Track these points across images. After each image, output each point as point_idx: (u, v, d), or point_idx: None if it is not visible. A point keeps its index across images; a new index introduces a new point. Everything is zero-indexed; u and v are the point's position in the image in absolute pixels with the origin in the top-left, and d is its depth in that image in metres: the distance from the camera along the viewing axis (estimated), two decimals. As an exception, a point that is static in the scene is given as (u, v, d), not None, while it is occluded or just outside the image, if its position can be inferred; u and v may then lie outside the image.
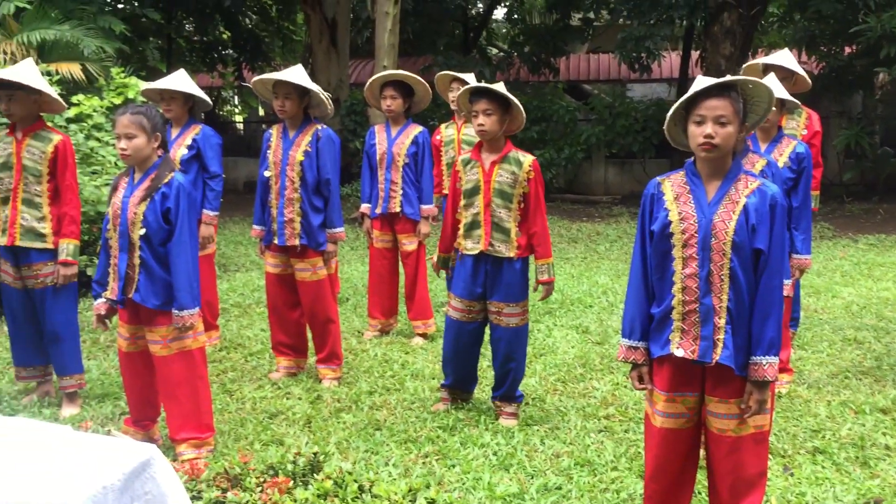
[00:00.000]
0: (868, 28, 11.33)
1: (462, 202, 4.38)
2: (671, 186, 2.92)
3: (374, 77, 6.01)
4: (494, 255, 4.30)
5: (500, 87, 4.24)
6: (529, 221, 4.31)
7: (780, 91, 4.42)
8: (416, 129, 6.00)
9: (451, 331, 4.48)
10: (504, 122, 4.24)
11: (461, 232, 4.40)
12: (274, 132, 5.08)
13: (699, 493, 3.46)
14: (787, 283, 4.22)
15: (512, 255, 4.29)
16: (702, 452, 3.12)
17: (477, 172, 4.31)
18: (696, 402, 2.95)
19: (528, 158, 4.28)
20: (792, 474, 3.80)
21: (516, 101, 4.18)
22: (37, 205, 4.53)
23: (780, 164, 4.58)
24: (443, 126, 6.72)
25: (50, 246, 4.54)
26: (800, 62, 5.67)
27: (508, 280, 4.33)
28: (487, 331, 4.53)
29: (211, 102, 5.73)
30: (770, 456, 3.79)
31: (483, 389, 4.92)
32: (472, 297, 4.38)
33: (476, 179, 4.31)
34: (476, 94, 4.22)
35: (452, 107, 6.51)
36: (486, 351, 4.90)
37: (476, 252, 4.32)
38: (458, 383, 4.64)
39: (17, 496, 1.72)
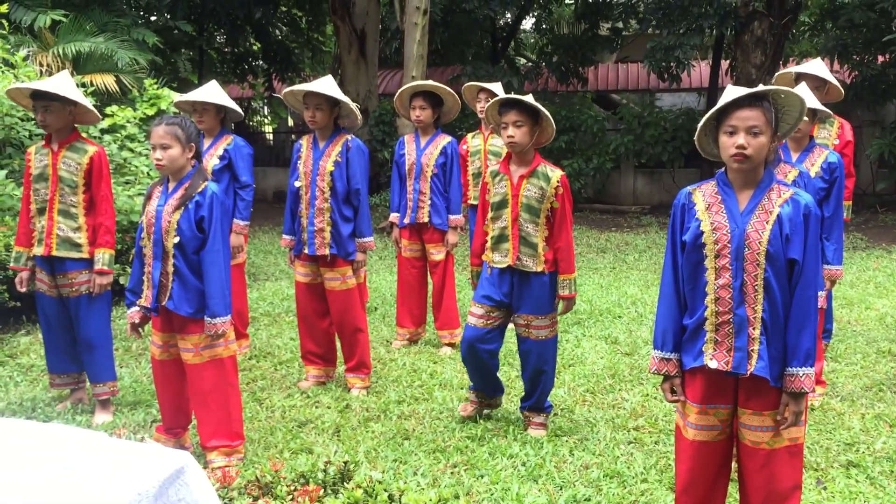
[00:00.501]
0: (901, 36, 11.20)
1: (490, 215, 4.34)
2: (702, 196, 2.91)
3: (403, 87, 6.04)
4: (522, 270, 4.26)
5: (529, 98, 4.23)
6: (554, 236, 4.25)
7: (811, 101, 4.39)
8: (444, 140, 6.02)
9: (466, 337, 4.39)
10: (534, 133, 4.19)
11: (489, 245, 4.35)
12: (304, 143, 5.12)
13: (731, 506, 3.43)
14: (821, 294, 4.17)
15: (539, 269, 4.24)
16: (733, 465, 3.09)
17: (505, 185, 4.27)
18: (729, 415, 2.93)
19: (556, 173, 4.22)
20: (825, 488, 3.74)
21: (546, 112, 4.15)
22: (73, 215, 4.60)
23: (812, 174, 4.54)
24: (469, 136, 6.74)
25: (85, 255, 4.61)
26: (832, 71, 5.62)
27: (537, 293, 4.27)
28: (513, 342, 4.53)
29: (242, 113, 5.79)
30: (803, 470, 3.74)
31: (511, 400, 4.90)
32: (494, 302, 4.32)
33: (504, 193, 4.27)
34: (506, 105, 4.17)
35: (480, 117, 6.53)
36: (515, 361, 4.89)
37: (504, 266, 4.28)
38: (482, 388, 4.59)
39: (54, 503, 1.74)
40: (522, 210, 4.21)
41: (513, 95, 4.21)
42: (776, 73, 5.52)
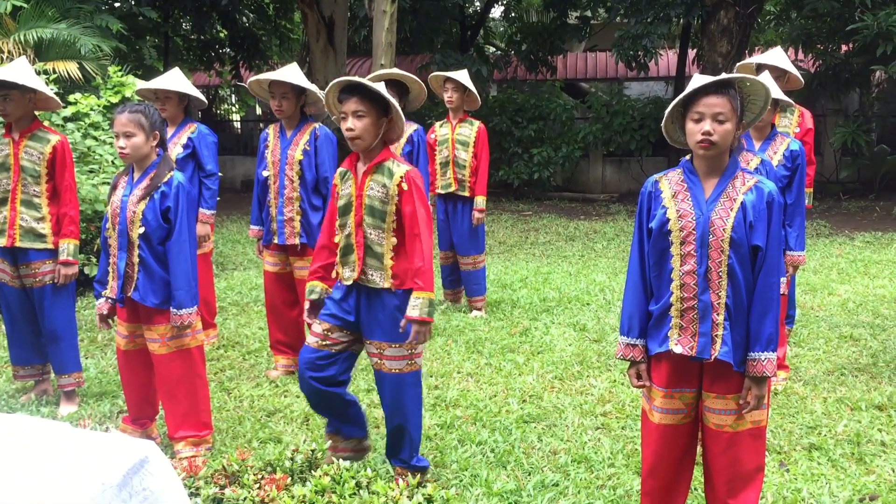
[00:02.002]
0: (864, 26, 11.35)
1: (337, 221, 3.60)
2: (668, 184, 2.94)
3: (368, 76, 6.01)
4: (369, 286, 3.51)
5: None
6: (406, 246, 3.47)
7: (775, 91, 4.44)
8: (411, 128, 6.01)
9: (301, 360, 3.60)
10: (380, 126, 3.47)
11: (338, 258, 3.60)
12: (271, 132, 5.09)
13: (696, 489, 3.47)
14: (783, 280, 4.24)
15: (387, 285, 3.46)
16: (698, 449, 3.13)
17: (350, 186, 3.53)
18: (694, 398, 2.97)
19: (402, 168, 3.46)
20: (788, 470, 3.81)
21: (395, 102, 3.41)
22: (36, 205, 4.53)
23: (775, 162, 4.60)
24: (437, 124, 6.74)
25: (49, 246, 4.55)
26: (796, 60, 5.70)
27: (388, 315, 3.47)
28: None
29: (206, 101, 5.73)
30: (766, 453, 3.80)
31: (483, 389, 4.92)
32: (337, 321, 3.55)
33: (349, 194, 3.53)
34: (345, 91, 3.43)
35: (448, 106, 6.53)
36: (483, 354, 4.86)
37: (351, 282, 3.52)
38: (334, 429, 3.77)
39: (16, 494, 1.73)
40: (366, 213, 3.48)
41: (353, 78, 3.46)
42: (738, 64, 5.58)
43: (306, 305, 3.69)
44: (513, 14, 20.03)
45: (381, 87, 3.41)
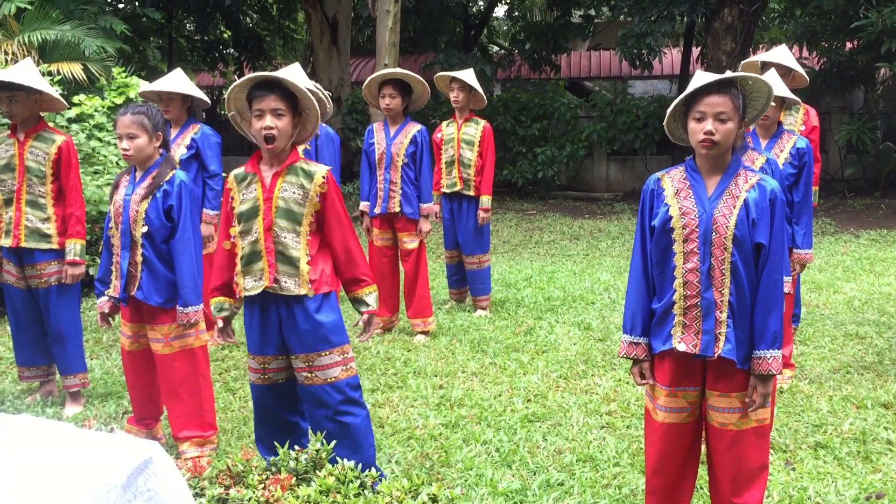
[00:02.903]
0: (869, 23, 11.31)
1: (237, 228, 3.35)
2: (671, 182, 2.93)
3: (371, 76, 6.02)
4: (284, 295, 3.31)
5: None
6: (337, 250, 3.35)
7: (780, 88, 4.43)
8: (414, 128, 6.01)
9: (252, 400, 3.54)
10: (296, 126, 3.31)
11: (238, 268, 3.36)
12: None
13: (700, 487, 3.47)
14: (788, 279, 4.22)
15: (304, 291, 3.28)
16: (703, 447, 3.13)
17: (255, 189, 3.32)
18: (698, 397, 2.96)
19: (321, 168, 3.32)
20: (794, 469, 3.80)
21: (311, 97, 3.27)
22: (41, 206, 4.54)
23: (781, 160, 4.59)
24: (444, 124, 6.75)
25: (55, 246, 4.56)
26: (801, 58, 5.69)
27: (308, 323, 3.30)
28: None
29: (209, 101, 5.74)
30: (772, 451, 3.80)
31: (486, 387, 4.91)
32: (264, 351, 3.37)
33: (254, 198, 3.32)
34: (260, 87, 3.22)
35: (453, 105, 6.54)
36: (487, 346, 4.84)
37: (257, 292, 3.31)
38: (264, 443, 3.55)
39: (21, 495, 1.73)
40: (278, 216, 3.27)
41: (269, 74, 3.29)
42: (743, 62, 5.57)
43: (217, 325, 3.48)
44: (516, 13, 20.02)
45: (299, 83, 3.23)
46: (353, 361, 3.41)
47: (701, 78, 2.82)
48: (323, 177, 3.29)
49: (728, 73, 2.89)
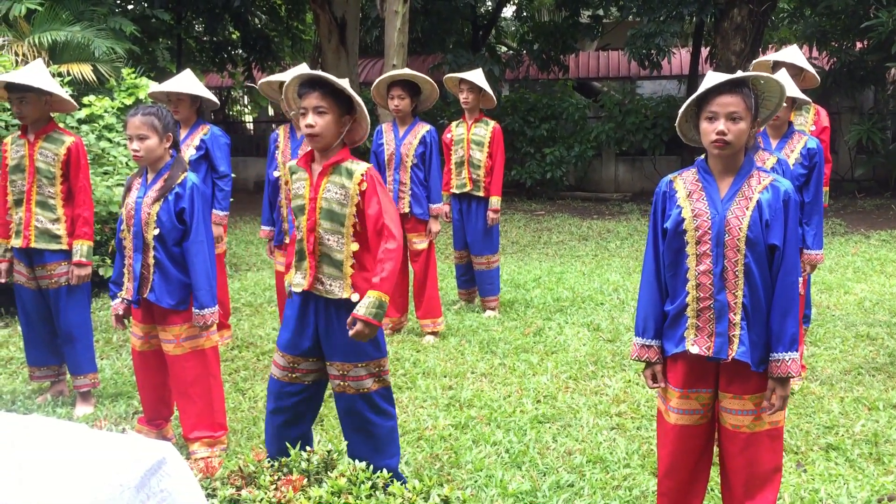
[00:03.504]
0: (879, 23, 11.26)
1: (296, 221, 3.32)
2: (683, 184, 2.92)
3: (380, 78, 6.02)
4: (326, 297, 3.24)
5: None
6: (371, 249, 3.25)
7: (792, 89, 4.41)
8: (423, 129, 6.00)
9: (270, 394, 3.42)
10: (343, 125, 3.24)
11: (293, 261, 3.34)
12: (281, 133, 5.09)
13: (712, 489, 3.45)
14: (799, 280, 4.20)
15: (347, 295, 3.20)
16: (715, 449, 3.11)
17: (303, 186, 3.28)
18: (710, 399, 2.95)
19: (361, 166, 3.24)
20: (805, 471, 3.79)
21: (359, 98, 3.22)
22: (51, 206, 4.56)
23: (792, 161, 4.57)
24: (453, 124, 6.75)
25: (64, 247, 4.58)
26: (811, 58, 5.66)
27: (347, 335, 3.18)
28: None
29: (218, 102, 5.74)
30: (784, 453, 3.78)
31: (495, 388, 4.90)
32: (298, 350, 3.31)
33: (302, 195, 3.27)
34: (306, 85, 3.20)
35: (463, 106, 6.53)
36: (501, 347, 4.82)
37: (300, 290, 3.27)
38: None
39: (34, 495, 1.73)
40: (322, 217, 3.22)
41: (317, 72, 3.23)
42: (754, 61, 5.55)
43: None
44: (525, 13, 20.00)
45: (345, 84, 3.19)
46: (387, 374, 3.38)
47: (713, 78, 2.80)
48: (362, 174, 3.21)
49: (740, 73, 2.87)
